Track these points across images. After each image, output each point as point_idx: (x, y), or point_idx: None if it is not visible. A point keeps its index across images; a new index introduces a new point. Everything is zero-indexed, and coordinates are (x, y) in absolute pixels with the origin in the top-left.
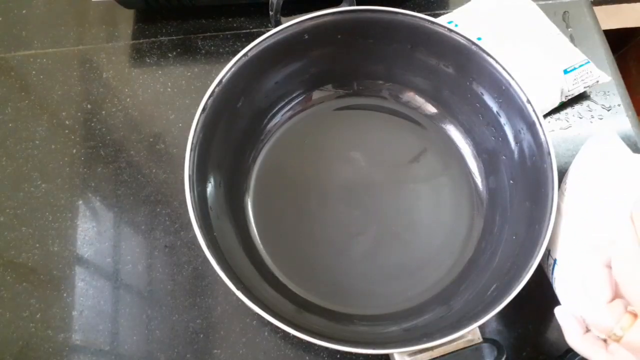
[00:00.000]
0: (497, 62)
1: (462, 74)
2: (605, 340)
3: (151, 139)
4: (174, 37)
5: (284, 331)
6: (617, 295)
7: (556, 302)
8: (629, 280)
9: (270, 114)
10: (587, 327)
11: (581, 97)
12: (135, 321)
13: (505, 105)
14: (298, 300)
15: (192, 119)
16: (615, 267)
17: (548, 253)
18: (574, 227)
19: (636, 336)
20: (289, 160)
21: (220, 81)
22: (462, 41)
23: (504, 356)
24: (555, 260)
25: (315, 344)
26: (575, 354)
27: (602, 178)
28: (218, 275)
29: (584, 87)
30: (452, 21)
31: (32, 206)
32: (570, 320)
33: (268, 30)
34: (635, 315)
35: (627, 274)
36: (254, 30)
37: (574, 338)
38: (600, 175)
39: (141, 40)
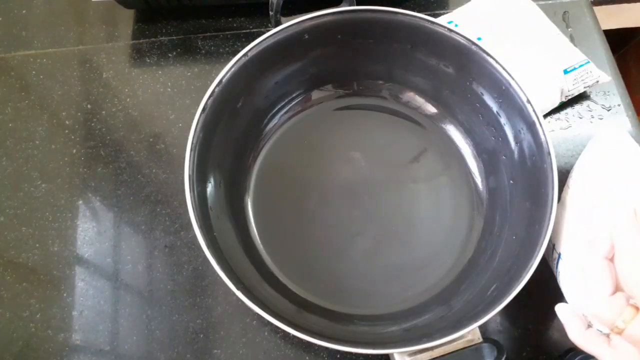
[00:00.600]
0: (497, 62)
1: (462, 74)
2: (608, 336)
3: (151, 139)
4: (174, 37)
5: (284, 331)
6: (618, 288)
7: (556, 302)
8: (631, 274)
9: (270, 114)
10: (588, 324)
11: (581, 97)
12: (135, 321)
13: (505, 105)
14: (298, 300)
15: (192, 119)
16: (618, 260)
17: (553, 247)
18: (577, 220)
19: (638, 329)
20: (289, 160)
21: (220, 81)
22: (462, 41)
23: (504, 356)
24: (559, 255)
25: (315, 344)
26: (576, 354)
27: (608, 173)
28: (218, 275)
29: (584, 87)
30: (452, 21)
31: (32, 206)
32: (571, 316)
33: (268, 30)
34: (637, 309)
35: (629, 267)
36: (254, 30)
37: (576, 334)
38: (607, 170)
39: (141, 40)
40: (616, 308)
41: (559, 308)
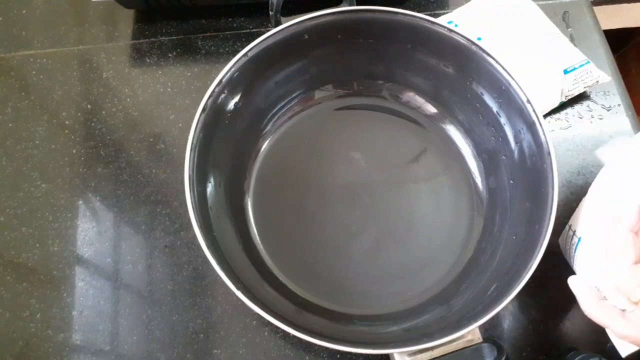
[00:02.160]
0: (497, 62)
1: (462, 74)
2: (622, 311)
3: (151, 139)
4: (174, 37)
5: (284, 331)
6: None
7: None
8: None
9: (270, 114)
10: (602, 298)
11: (581, 97)
12: (135, 321)
13: (505, 105)
14: (298, 300)
15: (192, 119)
16: None
17: (573, 233)
18: (601, 203)
19: None
20: (289, 160)
21: (220, 81)
22: (462, 41)
23: (504, 356)
24: (579, 239)
25: (315, 344)
26: (576, 354)
27: None
28: (218, 275)
29: (584, 87)
30: (452, 21)
31: (32, 206)
32: (584, 288)
33: (268, 30)
34: None
35: None
36: (254, 30)
37: (589, 304)
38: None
39: (141, 40)
40: (637, 277)
41: (572, 280)
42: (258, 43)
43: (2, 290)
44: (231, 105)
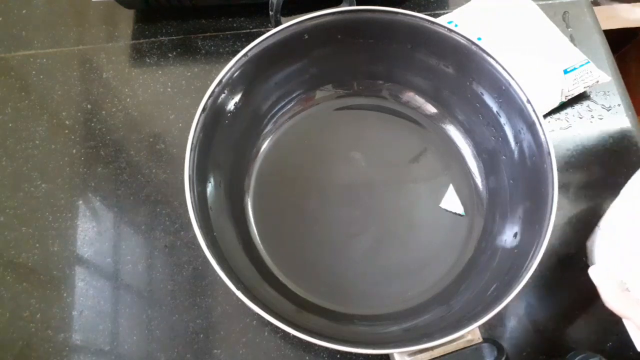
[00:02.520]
0: (497, 62)
1: (462, 74)
2: None
3: (151, 139)
4: (174, 37)
5: (284, 331)
6: None
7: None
8: None
9: (270, 114)
10: (625, 290)
11: (581, 97)
12: (135, 321)
13: (505, 105)
14: (298, 300)
15: (192, 119)
16: None
17: (597, 227)
18: (632, 202)
19: None
20: (289, 160)
21: (220, 81)
22: (462, 41)
23: (504, 356)
24: (606, 236)
25: (315, 344)
26: (576, 354)
27: None
28: (218, 275)
29: (584, 87)
30: (452, 21)
31: (32, 206)
32: (605, 278)
33: (268, 30)
34: None
35: None
36: (254, 30)
37: (610, 295)
38: None
39: (141, 40)
40: None
41: (593, 270)
42: (258, 43)
43: (2, 290)
44: (231, 105)
